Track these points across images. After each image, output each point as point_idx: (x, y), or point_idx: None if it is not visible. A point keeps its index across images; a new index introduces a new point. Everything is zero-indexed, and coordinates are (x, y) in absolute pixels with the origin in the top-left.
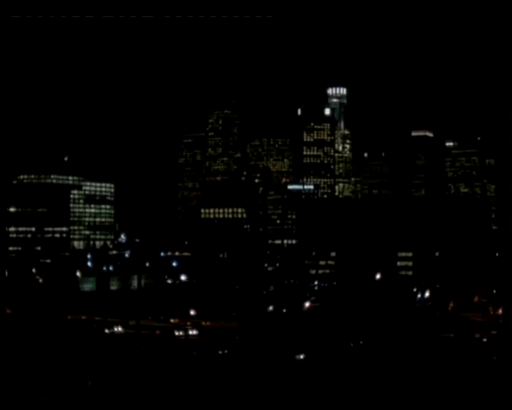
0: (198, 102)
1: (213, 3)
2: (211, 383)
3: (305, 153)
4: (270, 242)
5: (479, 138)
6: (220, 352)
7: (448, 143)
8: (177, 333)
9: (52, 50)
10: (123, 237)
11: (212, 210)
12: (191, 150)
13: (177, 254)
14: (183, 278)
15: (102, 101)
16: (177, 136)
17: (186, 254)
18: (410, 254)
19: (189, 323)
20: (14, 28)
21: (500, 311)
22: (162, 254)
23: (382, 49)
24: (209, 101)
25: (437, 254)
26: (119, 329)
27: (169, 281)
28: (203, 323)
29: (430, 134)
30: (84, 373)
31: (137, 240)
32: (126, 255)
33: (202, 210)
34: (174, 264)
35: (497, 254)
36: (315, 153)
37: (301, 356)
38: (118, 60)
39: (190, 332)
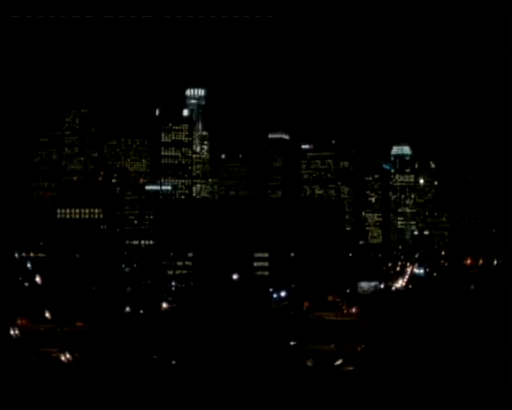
0: (54, 100)
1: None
2: None
3: (162, 153)
4: (127, 242)
5: (333, 142)
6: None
7: (304, 146)
8: None
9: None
10: None
11: (68, 210)
12: (47, 149)
13: (32, 254)
14: (37, 279)
15: None
16: (32, 134)
17: (41, 255)
18: (266, 255)
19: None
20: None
21: (353, 309)
22: (16, 255)
23: (240, 50)
24: (66, 99)
25: (292, 254)
26: None
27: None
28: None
29: (286, 136)
30: None
31: None
32: None
33: (58, 210)
34: (29, 265)
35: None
36: (173, 153)
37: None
38: None
39: None
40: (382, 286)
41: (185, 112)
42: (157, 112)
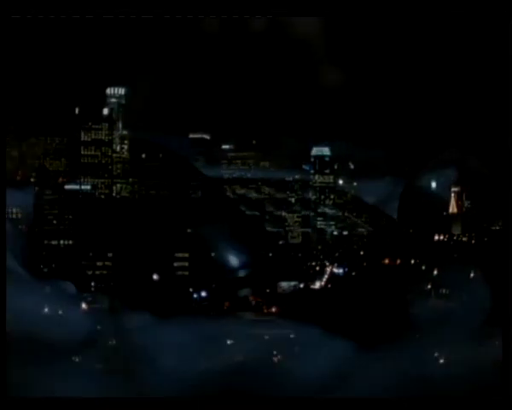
0: None
1: None
2: None
3: (82, 153)
4: (46, 242)
5: (254, 142)
6: None
7: (224, 146)
8: None
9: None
10: None
11: None
12: None
13: None
14: None
15: None
16: None
17: None
18: (186, 255)
19: None
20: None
21: (273, 309)
22: None
23: (160, 49)
24: None
25: (213, 254)
26: None
27: None
28: None
29: (207, 136)
30: None
31: None
32: None
33: None
34: None
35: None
36: (92, 153)
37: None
38: None
39: None
40: (302, 286)
41: (105, 111)
42: (76, 110)
